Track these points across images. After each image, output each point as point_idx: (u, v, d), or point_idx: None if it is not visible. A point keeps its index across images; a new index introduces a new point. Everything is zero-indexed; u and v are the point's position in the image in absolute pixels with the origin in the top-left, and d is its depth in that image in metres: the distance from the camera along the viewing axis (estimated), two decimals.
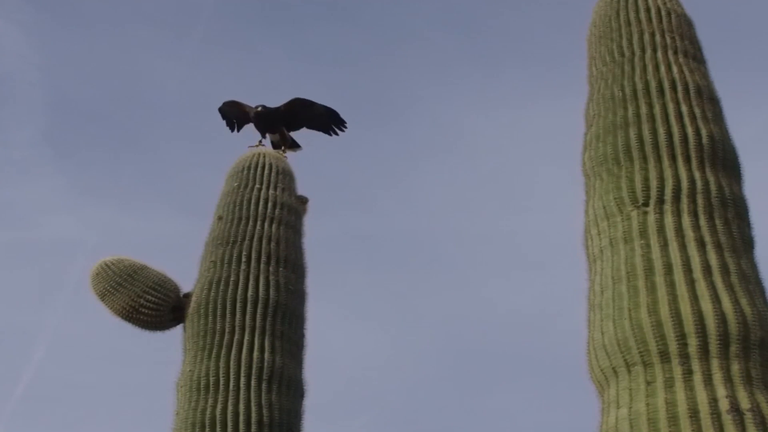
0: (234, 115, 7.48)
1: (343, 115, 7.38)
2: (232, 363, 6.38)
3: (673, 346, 4.62)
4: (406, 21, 16.41)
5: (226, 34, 16.76)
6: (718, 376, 4.53)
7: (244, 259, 6.85)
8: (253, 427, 6.18)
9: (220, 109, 7.56)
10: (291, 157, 7.60)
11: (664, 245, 4.92)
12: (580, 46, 6.21)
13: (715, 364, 4.57)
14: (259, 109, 5.34)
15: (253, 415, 6.22)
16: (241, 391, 6.29)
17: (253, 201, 7.12)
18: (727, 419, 4.40)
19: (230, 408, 6.22)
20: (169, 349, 6.89)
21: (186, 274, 7.11)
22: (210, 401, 6.27)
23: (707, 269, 4.83)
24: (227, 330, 6.52)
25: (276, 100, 7.13)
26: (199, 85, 16.57)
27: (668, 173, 5.14)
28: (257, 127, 6.17)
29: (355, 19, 16.84)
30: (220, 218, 7.12)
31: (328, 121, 7.06)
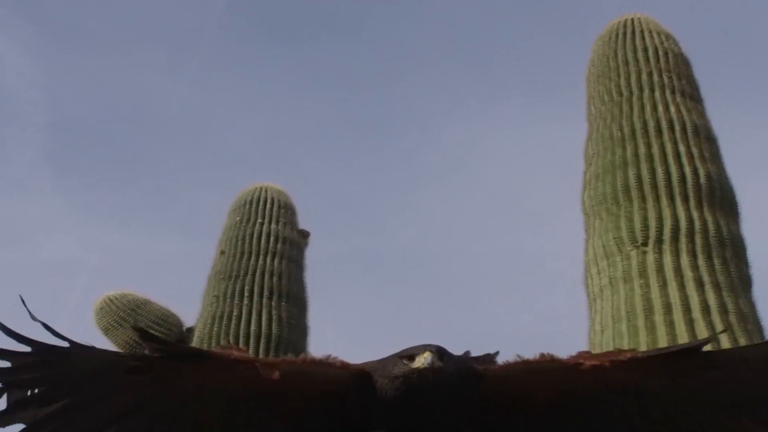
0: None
1: None
2: None
3: None
4: (413, 45, 16.50)
5: (229, 53, 16.85)
6: None
7: (246, 293, 6.90)
8: None
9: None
10: (295, 187, 7.68)
11: (663, 285, 4.99)
12: (579, 69, 6.28)
13: None
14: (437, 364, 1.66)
15: None
16: None
17: (255, 235, 7.18)
18: None
19: None
20: None
21: (186, 297, 7.15)
22: None
23: (706, 309, 4.89)
24: None
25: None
26: (201, 104, 16.64)
27: (667, 213, 5.21)
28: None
29: (363, 43, 16.93)
30: (222, 252, 7.18)
31: None
